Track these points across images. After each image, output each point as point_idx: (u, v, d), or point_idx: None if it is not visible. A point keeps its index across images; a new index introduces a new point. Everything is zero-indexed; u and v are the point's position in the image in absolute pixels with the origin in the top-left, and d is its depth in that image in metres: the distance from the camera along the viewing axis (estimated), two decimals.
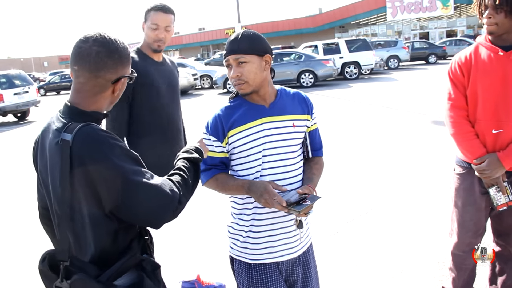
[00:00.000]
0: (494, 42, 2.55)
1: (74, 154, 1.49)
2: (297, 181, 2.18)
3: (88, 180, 1.49)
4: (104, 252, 1.60)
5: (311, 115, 2.28)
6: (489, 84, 2.53)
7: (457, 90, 2.65)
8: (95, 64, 1.59)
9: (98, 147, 1.50)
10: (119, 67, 1.65)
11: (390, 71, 25.39)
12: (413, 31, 44.47)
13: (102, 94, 1.65)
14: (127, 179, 1.51)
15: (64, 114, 1.64)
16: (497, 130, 2.55)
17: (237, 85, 2.10)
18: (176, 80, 3.38)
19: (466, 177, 2.75)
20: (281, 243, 2.16)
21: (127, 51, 1.69)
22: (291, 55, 21.24)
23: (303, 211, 1.92)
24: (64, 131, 1.54)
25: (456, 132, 2.66)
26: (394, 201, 5.47)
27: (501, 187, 2.59)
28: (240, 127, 2.10)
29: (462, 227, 2.80)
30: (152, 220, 1.59)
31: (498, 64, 2.50)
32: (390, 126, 9.93)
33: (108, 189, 1.50)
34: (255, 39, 2.09)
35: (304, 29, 49.77)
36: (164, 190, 1.57)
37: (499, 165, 2.54)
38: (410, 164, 6.92)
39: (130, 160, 1.57)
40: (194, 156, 1.86)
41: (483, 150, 2.59)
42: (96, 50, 1.59)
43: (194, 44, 60.62)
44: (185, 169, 1.77)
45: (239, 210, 2.20)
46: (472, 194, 2.72)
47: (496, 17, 2.44)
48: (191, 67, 25.65)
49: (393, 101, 13.53)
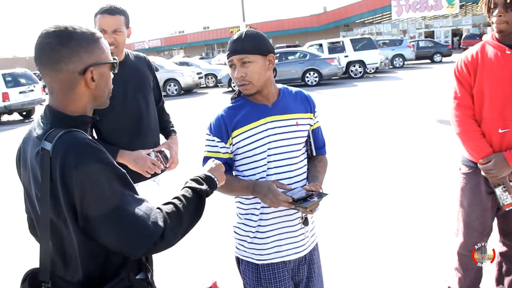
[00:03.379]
0: (501, 40, 2.53)
1: (54, 165, 1.34)
2: (302, 179, 2.17)
3: (67, 194, 1.33)
4: (93, 270, 1.44)
5: (314, 113, 2.27)
6: (496, 82, 2.51)
7: (463, 89, 2.63)
8: (49, 57, 1.42)
9: (78, 159, 1.33)
10: (82, 53, 1.44)
11: (395, 70, 25.32)
12: (418, 30, 44.30)
13: (74, 90, 1.47)
14: (105, 202, 1.35)
15: (45, 119, 1.49)
16: (503, 129, 2.53)
17: (242, 86, 2.09)
18: (142, 77, 3.03)
19: (472, 176, 2.73)
20: (288, 242, 2.16)
21: (88, 35, 1.47)
22: (296, 54, 21.21)
23: (309, 208, 1.91)
24: (45, 139, 1.39)
25: (462, 131, 2.64)
26: (399, 200, 5.45)
27: (508, 187, 2.58)
28: (244, 127, 2.09)
29: (468, 227, 2.78)
30: (124, 249, 1.38)
31: (505, 63, 2.48)
32: (395, 125, 9.89)
33: (82, 204, 1.34)
34: (258, 39, 2.08)
35: (309, 28, 49.70)
36: (143, 220, 1.37)
37: (506, 165, 2.52)
38: (415, 163, 6.90)
39: (114, 176, 1.39)
40: (201, 188, 1.62)
41: (490, 149, 2.58)
42: (47, 42, 1.42)
43: (199, 42, 60.62)
44: (184, 200, 1.54)
45: (246, 210, 2.19)
46: (478, 193, 2.71)
47: (506, 16, 2.42)
48: (196, 65, 25.67)
49: (398, 100, 13.49)
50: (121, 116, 2.86)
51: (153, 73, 3.18)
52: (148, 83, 3.08)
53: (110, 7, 2.81)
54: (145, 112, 2.98)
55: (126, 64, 2.92)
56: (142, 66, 3.09)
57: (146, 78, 3.08)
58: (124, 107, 2.87)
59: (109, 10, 2.79)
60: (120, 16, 2.82)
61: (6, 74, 16.99)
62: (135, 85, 2.95)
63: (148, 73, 3.11)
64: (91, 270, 1.44)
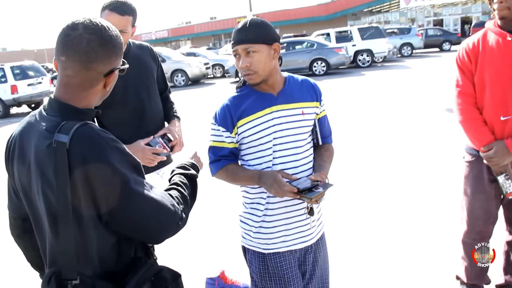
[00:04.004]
0: (504, 27, 2.50)
1: (73, 158, 1.32)
2: (308, 168, 2.16)
3: (88, 187, 1.33)
4: (111, 262, 1.46)
5: (320, 102, 2.25)
6: (497, 70, 2.48)
7: (465, 77, 2.62)
8: (87, 55, 1.40)
9: (99, 151, 1.34)
10: (113, 57, 1.47)
11: (403, 58, 25.14)
12: (426, 18, 43.91)
13: (93, 88, 1.47)
14: (129, 189, 1.38)
15: (52, 111, 1.45)
16: (505, 117, 2.51)
17: (247, 76, 2.07)
18: (144, 68, 2.96)
19: (475, 164, 2.72)
20: (295, 232, 2.16)
21: (121, 40, 1.51)
22: (303, 43, 21.10)
23: (315, 198, 1.90)
24: (58, 131, 1.35)
25: (464, 119, 2.63)
26: (407, 189, 5.43)
27: (510, 175, 2.56)
28: (249, 117, 2.08)
29: (471, 215, 2.77)
30: (152, 235, 1.47)
31: (506, 49, 2.46)
32: (403, 114, 9.84)
33: (107, 198, 1.35)
34: (263, 27, 2.05)
35: (316, 17, 49.37)
36: (166, 204, 1.45)
37: (507, 152, 2.50)
38: (423, 152, 6.86)
39: (131, 167, 1.43)
40: (191, 173, 1.75)
41: (491, 137, 2.56)
42: (88, 39, 1.40)
43: (206, 33, 60.46)
44: (183, 185, 1.65)
45: (252, 199, 2.19)
46: (481, 182, 2.70)
47: (508, 1, 2.39)
48: (203, 56, 25.66)
49: (407, 89, 13.41)
50: (123, 109, 2.81)
51: (157, 63, 3.11)
52: (151, 74, 3.01)
53: (121, 5, 2.70)
54: (148, 104, 2.93)
55: (128, 56, 2.81)
56: (145, 57, 3.02)
57: (149, 68, 3.00)
58: (126, 100, 2.82)
59: (119, 9, 2.68)
60: (129, 17, 2.73)
61: (14, 67, 17.07)
62: (137, 77, 2.88)
63: (151, 63, 3.04)
64: (109, 262, 1.45)
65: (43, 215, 1.43)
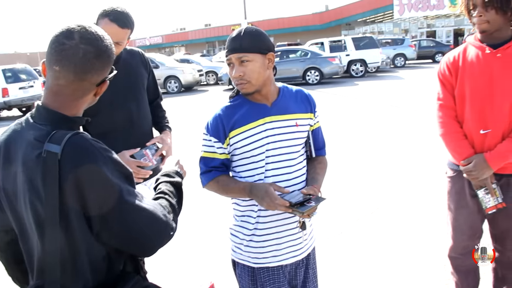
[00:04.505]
0: (484, 40, 2.50)
1: (64, 169, 1.28)
2: (301, 181, 2.12)
3: (80, 198, 1.29)
4: (100, 278, 1.42)
5: (314, 113, 2.21)
6: (476, 83, 2.48)
7: (445, 90, 2.62)
8: (82, 67, 1.36)
9: (92, 161, 1.30)
10: (106, 68, 1.44)
11: (396, 69, 25.24)
12: (420, 30, 44.16)
13: (84, 97, 1.44)
14: (122, 200, 1.34)
15: (41, 120, 1.40)
16: (485, 131, 2.50)
17: (240, 85, 2.03)
18: (134, 76, 2.85)
19: (457, 180, 2.70)
20: (286, 246, 2.11)
21: (114, 49, 1.48)
22: (297, 52, 21.14)
23: (307, 212, 1.86)
24: (48, 141, 1.31)
25: (444, 132, 2.63)
26: (399, 201, 5.40)
27: (490, 189, 2.53)
28: (242, 128, 2.04)
29: (456, 231, 2.75)
30: (144, 247, 1.43)
31: (485, 62, 2.45)
32: (396, 125, 9.84)
33: (99, 210, 1.31)
34: (258, 36, 2.01)
35: (311, 26, 49.54)
36: (158, 215, 1.43)
37: (486, 166, 2.48)
38: (416, 164, 6.85)
39: (124, 177, 1.39)
40: (176, 180, 1.73)
41: (471, 150, 2.55)
42: (84, 49, 1.36)
43: (200, 40, 60.47)
44: (170, 193, 1.63)
45: (242, 212, 2.14)
46: (464, 197, 2.68)
47: (486, 15, 2.38)
48: (197, 63, 25.64)
49: (399, 99, 13.44)
50: (110, 118, 2.71)
51: (148, 69, 3.00)
52: (141, 81, 2.91)
53: (122, 18, 2.57)
54: (136, 113, 2.82)
55: (118, 63, 2.68)
56: (136, 63, 2.91)
57: (139, 76, 2.90)
58: (114, 108, 2.71)
59: (121, 22, 2.56)
60: (128, 30, 2.62)
61: (6, 70, 16.96)
62: (126, 85, 2.77)
63: (142, 70, 2.94)
64: (99, 275, 1.42)
65: (30, 226, 1.38)
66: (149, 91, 3.00)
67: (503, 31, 2.43)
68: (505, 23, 2.41)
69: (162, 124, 3.05)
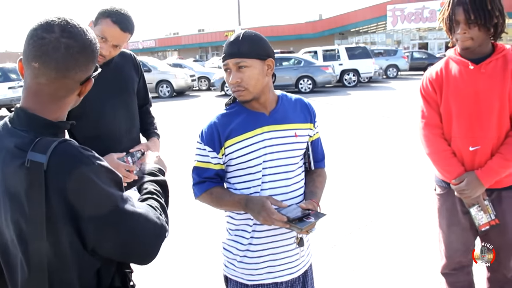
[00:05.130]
0: (464, 55, 2.45)
1: (52, 180, 1.16)
2: (298, 195, 2.02)
3: (71, 212, 1.18)
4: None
5: (314, 123, 2.12)
6: (462, 99, 2.43)
7: (430, 107, 2.57)
8: (65, 63, 1.23)
9: (83, 171, 1.18)
10: (90, 64, 1.31)
11: (388, 80, 25.30)
12: (412, 41, 44.46)
13: (67, 98, 1.31)
14: (119, 210, 1.24)
15: (21, 125, 1.25)
16: (474, 147, 2.45)
17: (236, 92, 1.92)
18: (125, 79, 2.73)
19: (447, 197, 2.63)
20: (281, 263, 2.01)
21: (97, 44, 1.35)
22: (290, 60, 21.11)
23: (305, 229, 1.77)
24: (32, 149, 1.17)
25: (432, 151, 2.57)
26: (393, 213, 5.32)
27: (482, 206, 2.47)
28: (238, 137, 1.93)
29: (449, 248, 2.68)
30: (146, 253, 1.32)
31: (469, 78, 2.41)
32: (388, 136, 9.79)
33: (95, 223, 1.21)
34: (257, 41, 1.91)
35: (304, 35, 49.71)
36: (152, 218, 1.33)
37: (478, 184, 2.42)
38: (409, 175, 6.78)
39: (116, 184, 1.28)
40: (162, 179, 1.64)
41: (461, 168, 2.48)
42: (66, 44, 1.22)
43: (193, 45, 60.43)
44: (158, 193, 1.54)
45: (236, 226, 2.04)
46: (455, 214, 2.61)
47: (469, 32, 2.34)
48: (189, 68, 25.50)
49: (391, 110, 13.42)
50: (96, 122, 2.58)
51: (139, 73, 2.88)
52: (131, 86, 2.78)
53: (125, 21, 2.47)
54: (124, 118, 2.69)
55: (109, 66, 2.60)
56: (127, 67, 2.79)
57: (130, 80, 2.78)
58: (101, 112, 2.57)
59: (123, 25, 2.45)
60: (129, 34, 2.52)
61: None
62: (115, 89, 2.64)
63: (133, 73, 2.82)
64: None
65: (14, 247, 1.23)
66: (139, 96, 2.88)
67: (483, 46, 2.41)
68: (486, 38, 2.39)
69: (150, 131, 2.92)
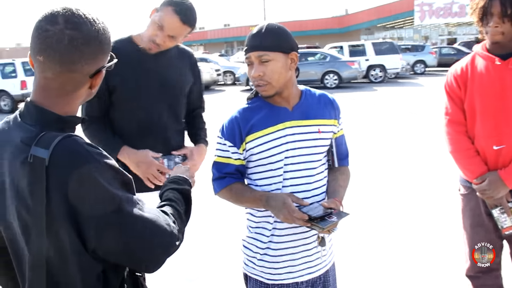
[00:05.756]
0: (492, 50, 2.35)
1: (53, 177, 1.12)
2: (321, 192, 1.97)
3: (72, 211, 1.14)
4: None
5: (338, 119, 2.05)
6: (487, 96, 2.33)
7: (454, 104, 2.47)
8: (69, 55, 1.18)
9: (86, 169, 1.13)
10: (100, 55, 1.25)
11: (416, 76, 24.92)
12: (440, 37, 43.69)
13: (77, 92, 1.26)
14: (122, 211, 1.18)
15: (29, 119, 1.23)
16: (498, 146, 2.34)
17: (259, 86, 1.87)
18: (176, 78, 2.58)
19: (471, 197, 2.53)
20: (302, 262, 1.95)
21: (108, 34, 1.28)
22: (316, 55, 20.97)
23: (327, 228, 1.71)
24: (36, 144, 1.15)
25: (454, 149, 2.48)
26: (419, 212, 5.22)
27: (505, 208, 2.36)
28: (259, 132, 1.88)
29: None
30: (149, 261, 1.26)
31: (496, 74, 2.31)
32: (415, 133, 9.63)
33: (96, 224, 1.16)
34: (280, 34, 1.86)
35: (330, 30, 49.38)
36: (161, 224, 1.26)
37: (501, 184, 2.32)
38: (436, 174, 6.64)
39: (122, 185, 1.23)
40: (185, 188, 1.56)
41: (484, 168, 2.39)
42: (70, 36, 1.17)
43: (219, 40, 60.65)
44: (177, 201, 1.45)
45: (257, 223, 1.99)
46: (479, 214, 2.50)
47: (502, 26, 2.24)
48: (215, 62, 25.58)
49: (418, 107, 13.20)
50: (131, 114, 2.50)
51: (195, 75, 2.72)
52: (179, 84, 2.61)
53: (187, 13, 2.37)
54: (163, 117, 2.55)
55: (164, 57, 2.51)
56: (182, 64, 2.64)
57: (180, 77, 2.61)
58: (141, 110, 2.49)
59: (185, 17, 2.35)
60: (188, 28, 2.42)
61: (26, 63, 17.07)
62: (161, 84, 2.51)
63: (187, 73, 2.66)
64: None
65: (21, 240, 1.21)
66: (192, 99, 2.75)
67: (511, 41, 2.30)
68: None
69: (199, 137, 2.76)
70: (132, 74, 2.44)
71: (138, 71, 2.45)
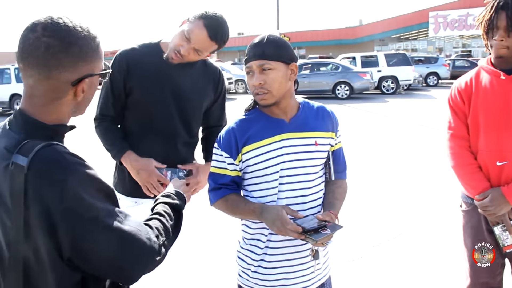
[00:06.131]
0: (497, 65, 2.31)
1: (31, 185, 1.13)
2: (316, 205, 1.96)
3: (47, 220, 1.13)
4: None
5: (336, 132, 2.04)
6: (491, 111, 2.29)
7: (457, 118, 2.43)
8: (45, 62, 1.19)
9: (63, 178, 1.13)
10: (80, 63, 1.24)
11: (428, 88, 24.77)
12: (454, 49, 43.54)
13: (61, 100, 1.25)
14: (99, 223, 1.17)
15: (16, 126, 1.24)
16: (501, 162, 2.29)
17: (259, 95, 1.87)
18: (191, 90, 2.53)
19: (472, 214, 2.48)
20: (296, 275, 1.94)
21: (93, 41, 1.27)
22: (328, 65, 20.99)
23: (320, 241, 1.70)
24: (17, 151, 1.16)
25: (456, 164, 2.44)
26: (423, 227, 5.16)
27: (507, 226, 2.31)
28: (256, 143, 1.88)
29: (473, 268, 2.51)
30: (124, 274, 1.24)
31: (500, 89, 2.27)
32: (425, 145, 9.55)
33: (72, 234, 1.14)
34: (281, 45, 1.87)
35: (344, 40, 49.37)
36: (141, 238, 1.24)
37: (504, 201, 2.26)
38: (443, 188, 6.57)
39: (103, 195, 1.22)
40: (176, 202, 1.54)
41: (487, 184, 2.34)
42: (46, 43, 1.18)
43: (232, 48, 60.78)
44: (166, 215, 1.43)
45: (252, 235, 1.98)
46: (481, 232, 2.45)
47: (507, 40, 2.20)
48: (227, 71, 25.67)
49: (429, 119, 13.09)
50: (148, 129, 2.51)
51: (218, 92, 2.69)
52: (197, 99, 2.58)
53: (217, 29, 2.35)
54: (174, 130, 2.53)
55: (186, 69, 2.49)
56: (205, 81, 2.61)
57: (199, 93, 2.58)
58: (157, 122, 2.49)
59: (212, 32, 2.33)
60: (215, 45, 2.39)
61: None
62: (175, 98, 2.49)
63: (208, 89, 2.63)
64: None
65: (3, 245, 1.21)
66: (213, 116, 2.74)
67: None
68: None
69: (210, 154, 2.61)
70: (148, 80, 2.45)
71: (155, 77, 2.46)
